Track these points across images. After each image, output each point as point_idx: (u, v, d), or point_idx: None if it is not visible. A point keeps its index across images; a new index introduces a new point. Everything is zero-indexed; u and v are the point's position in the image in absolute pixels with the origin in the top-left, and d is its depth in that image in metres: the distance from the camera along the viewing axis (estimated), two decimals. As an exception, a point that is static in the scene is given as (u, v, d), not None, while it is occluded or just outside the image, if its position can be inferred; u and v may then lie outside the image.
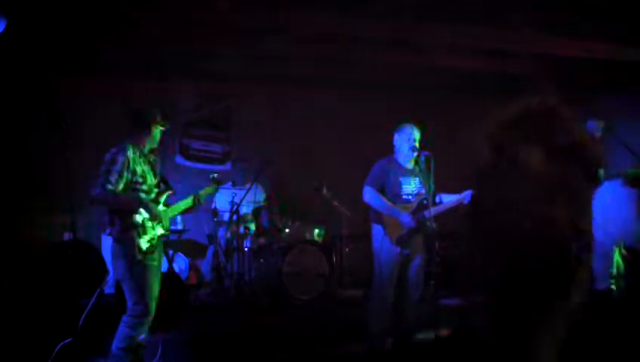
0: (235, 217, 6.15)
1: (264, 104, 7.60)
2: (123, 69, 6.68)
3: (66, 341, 4.00)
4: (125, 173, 3.68)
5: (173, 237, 6.59)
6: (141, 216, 3.69)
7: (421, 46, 6.04)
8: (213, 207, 6.68)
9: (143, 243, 3.68)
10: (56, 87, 6.61)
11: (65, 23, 5.11)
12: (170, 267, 6.30)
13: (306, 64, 6.73)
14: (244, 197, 6.23)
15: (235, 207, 6.15)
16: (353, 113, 7.79)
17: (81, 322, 3.84)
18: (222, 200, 6.69)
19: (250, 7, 4.77)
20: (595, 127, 5.45)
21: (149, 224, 3.72)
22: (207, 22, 5.09)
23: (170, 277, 5.77)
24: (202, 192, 4.24)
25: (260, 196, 6.81)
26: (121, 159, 3.67)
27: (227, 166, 7.56)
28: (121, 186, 3.67)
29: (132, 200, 3.70)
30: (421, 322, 4.68)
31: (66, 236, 6.27)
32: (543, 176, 1.06)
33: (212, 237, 6.70)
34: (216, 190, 4.42)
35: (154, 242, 3.74)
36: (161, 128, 3.97)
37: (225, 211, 6.50)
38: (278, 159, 6.70)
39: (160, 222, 3.82)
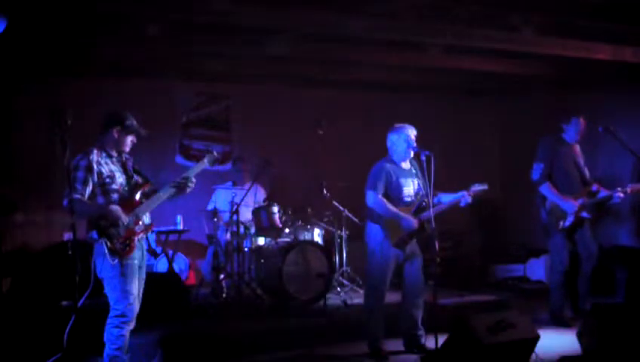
0: (235, 217, 6.15)
1: (264, 104, 7.61)
2: (123, 69, 6.69)
3: (54, 357, 3.99)
4: (90, 177, 3.72)
5: (173, 237, 6.60)
6: (106, 222, 3.69)
7: (421, 46, 6.04)
8: (213, 207, 6.68)
9: (117, 244, 3.69)
10: (56, 87, 6.61)
11: (64, 23, 5.11)
12: (170, 267, 6.31)
13: (306, 64, 6.73)
14: (244, 198, 6.23)
15: (235, 207, 6.14)
16: (353, 113, 7.79)
17: (65, 336, 3.83)
18: (222, 201, 6.69)
19: (250, 7, 4.76)
20: (579, 125, 5.42)
21: (116, 228, 3.70)
22: (206, 22, 5.08)
23: (170, 277, 5.78)
24: (192, 169, 4.10)
25: (260, 196, 6.81)
26: (83, 164, 3.72)
27: (227, 166, 7.56)
28: (88, 190, 3.72)
29: (95, 210, 3.72)
30: (424, 323, 4.71)
31: (66, 236, 6.27)
32: None
33: (212, 238, 6.70)
34: (210, 163, 4.17)
35: (129, 241, 3.74)
36: (128, 136, 3.91)
37: (225, 211, 6.50)
38: (278, 159, 6.70)
39: (135, 219, 3.81)
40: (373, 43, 5.93)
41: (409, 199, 4.58)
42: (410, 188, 4.61)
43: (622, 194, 5.24)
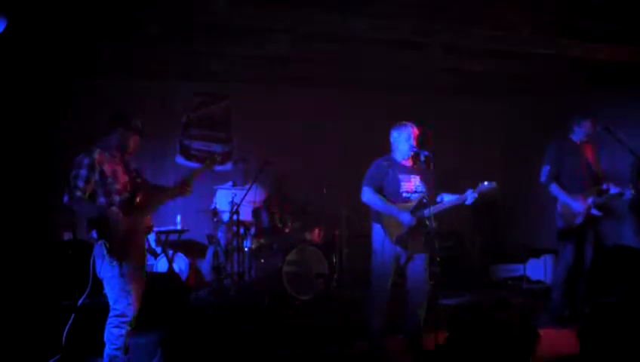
0: (235, 217, 6.15)
1: (264, 104, 7.61)
2: (123, 69, 6.69)
3: (54, 358, 3.99)
4: (92, 176, 3.69)
5: (173, 237, 6.60)
6: (106, 223, 3.67)
7: (421, 46, 6.04)
8: (213, 207, 6.68)
9: (115, 245, 3.67)
10: (57, 87, 6.62)
11: (64, 23, 5.11)
12: (170, 267, 6.31)
13: (306, 64, 6.73)
14: (244, 198, 6.23)
15: (235, 207, 6.15)
16: (353, 113, 7.79)
17: (64, 336, 3.82)
18: (222, 201, 6.69)
19: (250, 7, 4.76)
20: (589, 128, 5.47)
21: (115, 229, 3.68)
22: (206, 22, 5.09)
23: (170, 277, 5.78)
24: (192, 173, 4.13)
25: (260, 196, 6.82)
26: (86, 162, 3.69)
27: (227, 166, 7.56)
28: (89, 189, 3.69)
29: (95, 210, 3.70)
30: (425, 323, 4.71)
31: (66, 236, 6.27)
32: None
33: (212, 238, 6.70)
34: (209, 167, 4.24)
35: (128, 243, 3.72)
36: (133, 136, 3.91)
37: (225, 211, 6.50)
38: (278, 159, 6.71)
39: (136, 221, 3.80)
40: (373, 43, 5.93)
41: (407, 195, 4.57)
42: (409, 184, 4.60)
43: (633, 191, 5.27)
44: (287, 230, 6.45)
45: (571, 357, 4.42)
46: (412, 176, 4.64)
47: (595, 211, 5.33)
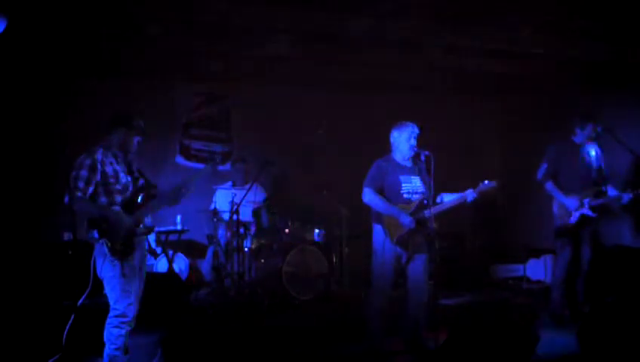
0: (235, 217, 6.15)
1: (264, 104, 7.61)
2: (123, 69, 6.69)
3: (54, 358, 3.99)
4: (93, 176, 3.70)
5: (173, 237, 6.60)
6: (107, 223, 3.68)
7: (421, 46, 6.04)
8: (213, 207, 6.68)
9: (118, 245, 3.68)
10: (57, 87, 6.62)
11: (64, 23, 5.11)
12: (170, 267, 6.31)
13: (306, 64, 6.73)
14: (244, 198, 6.23)
15: (235, 207, 6.15)
16: (353, 113, 7.79)
17: (64, 336, 3.82)
18: (222, 201, 6.69)
19: (250, 7, 4.77)
20: (593, 132, 5.48)
21: (117, 229, 3.69)
22: (206, 22, 5.09)
23: (170, 277, 5.79)
24: (193, 175, 4.16)
25: (260, 196, 6.81)
26: (87, 163, 3.70)
27: (227, 166, 7.56)
28: (90, 189, 3.70)
29: (96, 210, 3.71)
30: (427, 322, 4.71)
31: (66, 236, 6.27)
32: None
33: (212, 238, 6.70)
34: (210, 170, 4.27)
35: (130, 242, 3.74)
36: (135, 136, 3.92)
37: (225, 211, 6.50)
38: (278, 159, 6.71)
39: (137, 221, 3.81)
40: (374, 43, 5.93)
41: (408, 196, 4.57)
42: (410, 185, 4.60)
43: (631, 195, 5.27)
44: (287, 230, 6.44)
45: (572, 358, 4.42)
46: (412, 176, 4.64)
47: (588, 212, 5.34)
